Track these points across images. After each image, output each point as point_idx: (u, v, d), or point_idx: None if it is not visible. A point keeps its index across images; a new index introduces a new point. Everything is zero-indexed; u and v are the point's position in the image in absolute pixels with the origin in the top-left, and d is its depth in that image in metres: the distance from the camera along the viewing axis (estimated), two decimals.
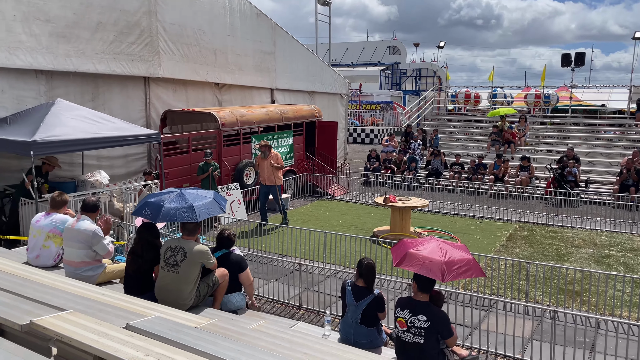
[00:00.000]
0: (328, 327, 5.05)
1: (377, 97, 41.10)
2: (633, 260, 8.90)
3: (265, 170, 10.84)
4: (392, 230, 10.22)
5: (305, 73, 18.01)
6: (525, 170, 15.26)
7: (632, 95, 19.41)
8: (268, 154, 10.75)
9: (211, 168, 10.99)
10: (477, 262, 4.62)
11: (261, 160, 10.80)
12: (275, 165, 10.77)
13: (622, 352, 5.20)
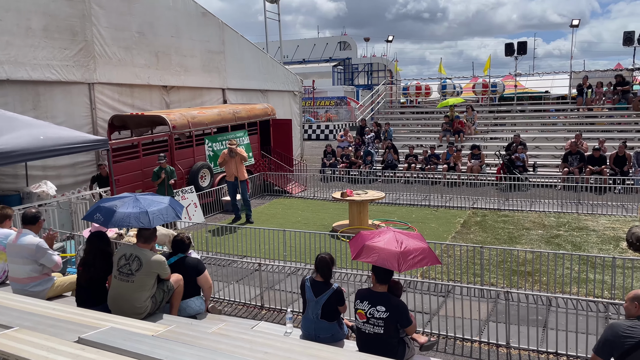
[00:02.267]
0: (290, 325, 5.04)
1: (331, 93, 41.30)
2: (580, 239, 9.32)
3: (232, 167, 11.20)
4: (351, 224, 10.31)
5: (257, 72, 17.89)
6: (475, 158, 15.71)
7: (572, 80, 20.30)
8: (234, 153, 11.12)
9: (164, 172, 10.76)
10: (432, 250, 4.73)
11: (228, 158, 11.13)
12: (241, 155, 11.19)
13: (572, 327, 5.45)
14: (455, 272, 7.67)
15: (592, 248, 8.75)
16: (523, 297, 6.32)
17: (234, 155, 11.08)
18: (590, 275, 7.24)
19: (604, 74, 20.48)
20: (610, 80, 18.75)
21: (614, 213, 11.08)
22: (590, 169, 13.81)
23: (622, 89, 18.04)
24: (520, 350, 5.39)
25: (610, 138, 15.98)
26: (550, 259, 7.48)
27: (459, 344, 5.63)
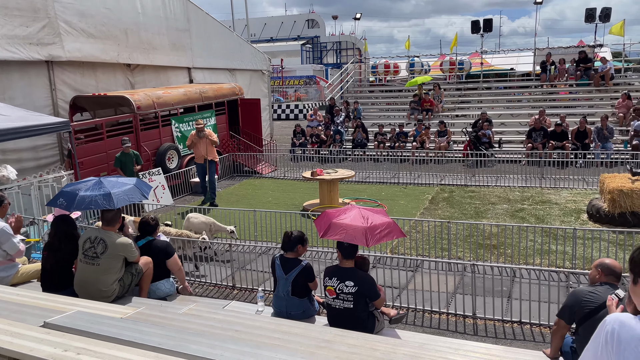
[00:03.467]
0: (261, 303, 5.07)
1: (300, 72, 40.93)
2: (543, 212, 9.62)
3: (201, 148, 10.95)
4: (322, 203, 10.35)
5: (224, 50, 17.54)
6: (443, 136, 15.92)
7: (536, 57, 20.66)
8: (203, 134, 10.89)
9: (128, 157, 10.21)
10: (397, 224, 4.80)
11: (197, 139, 10.90)
12: (211, 139, 10.96)
13: (535, 297, 5.65)
14: (424, 247, 7.83)
15: (555, 220, 9.05)
16: (489, 270, 6.52)
17: (202, 136, 10.87)
18: (552, 246, 7.50)
19: (567, 50, 20.92)
20: (573, 57, 19.17)
21: (576, 186, 11.45)
22: (553, 144, 14.19)
23: (584, 66, 18.48)
24: (486, 321, 5.57)
25: (573, 114, 16.40)
26: (514, 232, 7.70)
27: (427, 316, 5.77)
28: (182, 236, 7.19)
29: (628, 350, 1.60)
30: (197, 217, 8.16)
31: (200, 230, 7.68)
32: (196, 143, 10.96)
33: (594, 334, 1.73)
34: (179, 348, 2.91)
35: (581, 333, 3.54)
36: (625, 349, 1.61)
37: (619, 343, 1.62)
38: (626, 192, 8.38)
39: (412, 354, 3.42)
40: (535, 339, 5.15)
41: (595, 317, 3.37)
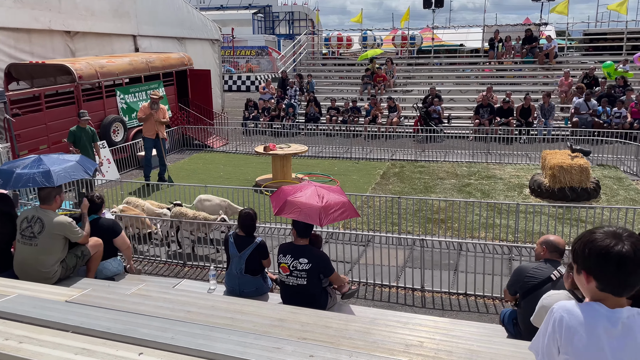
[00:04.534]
0: (213, 281, 5.02)
1: (252, 42, 39.98)
2: (488, 187, 9.97)
3: (153, 124, 10.21)
4: (274, 178, 10.29)
5: (172, 17, 16.83)
6: (393, 111, 16.08)
7: (485, 34, 21.08)
8: (157, 106, 10.18)
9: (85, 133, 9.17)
10: (352, 204, 4.84)
11: (152, 112, 10.13)
12: (162, 121, 10.31)
13: (480, 269, 5.89)
14: (375, 222, 7.96)
15: (499, 195, 9.41)
16: (437, 244, 6.72)
17: (157, 108, 10.14)
18: (497, 220, 7.81)
19: (514, 28, 21.44)
20: (519, 35, 19.69)
21: (519, 162, 11.92)
22: (499, 121, 14.65)
23: (530, 46, 19.03)
24: (434, 293, 5.77)
25: (518, 90, 16.94)
26: (461, 207, 7.96)
27: (378, 289, 5.91)
28: (200, 218, 6.72)
29: (577, 336, 1.68)
30: (210, 199, 7.51)
31: (213, 213, 7.08)
32: (149, 116, 10.18)
33: (544, 321, 1.81)
34: (129, 332, 2.83)
35: (523, 306, 3.73)
36: (573, 335, 1.69)
37: (567, 330, 1.70)
38: (566, 168, 8.80)
39: (364, 329, 3.49)
40: (480, 310, 5.39)
41: (536, 292, 3.55)
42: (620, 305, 1.70)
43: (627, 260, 1.65)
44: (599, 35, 22.24)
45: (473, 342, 3.47)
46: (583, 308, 1.71)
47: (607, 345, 1.65)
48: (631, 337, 1.65)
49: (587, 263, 1.73)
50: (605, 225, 1.83)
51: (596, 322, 1.67)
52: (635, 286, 1.69)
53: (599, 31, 22.70)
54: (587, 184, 8.82)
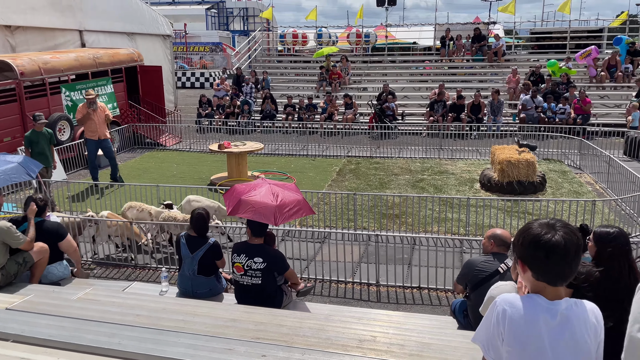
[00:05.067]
0: (165, 283, 4.90)
1: (205, 38, 39.24)
2: (441, 182, 10.20)
3: (95, 124, 9.76)
4: (230, 177, 10.15)
5: (121, 12, 16.26)
6: (349, 108, 16.20)
7: (437, 32, 21.52)
8: (96, 105, 9.73)
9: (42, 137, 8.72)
10: (307, 202, 4.83)
11: (90, 112, 9.66)
12: (107, 115, 9.96)
13: (433, 263, 6.01)
14: (331, 218, 8.00)
15: (451, 190, 9.64)
16: (391, 239, 6.82)
17: (95, 108, 9.68)
18: (449, 214, 8.00)
19: (464, 27, 21.99)
20: (470, 33, 20.23)
21: (470, 157, 12.25)
22: (452, 117, 15.01)
23: (479, 44, 19.59)
24: (389, 287, 5.85)
25: (469, 88, 17.41)
26: (415, 202, 8.10)
27: (334, 286, 5.94)
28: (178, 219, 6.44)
29: (519, 328, 1.74)
30: (199, 200, 7.20)
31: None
32: (88, 117, 9.70)
33: (486, 314, 1.86)
34: (73, 339, 2.73)
35: (473, 298, 3.83)
36: (515, 327, 1.74)
37: (510, 322, 1.75)
38: (514, 162, 9.11)
39: (318, 326, 3.49)
40: (433, 303, 5.51)
41: (485, 285, 3.65)
42: (559, 296, 1.77)
43: (555, 249, 1.71)
44: (544, 34, 23.16)
45: (425, 334, 3.54)
46: (524, 300, 1.77)
47: (547, 336, 1.71)
48: (569, 327, 1.72)
49: (522, 252, 1.80)
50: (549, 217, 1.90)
51: (537, 314, 1.73)
52: (566, 276, 1.75)
53: (545, 30, 23.63)
54: (533, 178, 9.16)
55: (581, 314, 1.74)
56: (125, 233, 6.42)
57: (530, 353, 1.72)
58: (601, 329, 1.76)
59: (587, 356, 1.72)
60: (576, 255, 1.73)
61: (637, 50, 17.98)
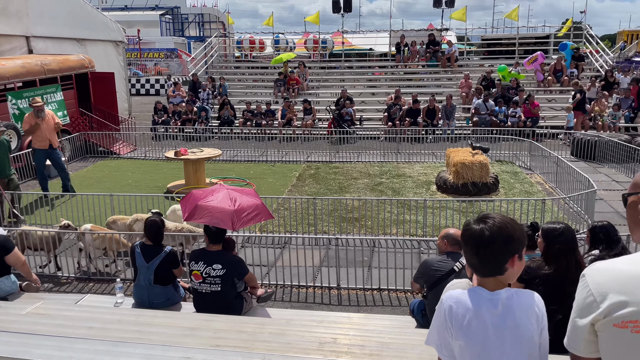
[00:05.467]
0: (120, 295, 4.75)
1: (160, 44, 38.55)
2: (399, 185, 10.36)
3: (44, 133, 9.36)
4: (187, 184, 9.98)
5: (70, 18, 15.76)
6: (308, 114, 16.25)
7: (392, 39, 21.93)
8: (44, 114, 9.33)
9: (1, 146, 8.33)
10: (266, 206, 4.81)
11: (38, 121, 9.25)
12: (57, 123, 9.58)
13: (392, 264, 6.09)
14: (292, 223, 7.99)
15: (409, 192, 9.81)
16: (351, 242, 6.86)
17: (43, 116, 9.29)
18: (407, 216, 8.14)
19: (418, 33, 22.49)
20: (424, 39, 20.72)
21: (426, 160, 12.51)
22: (409, 121, 15.30)
23: (433, 49, 20.09)
24: (349, 290, 5.88)
25: (424, 93, 17.78)
26: (374, 205, 8.20)
27: (295, 291, 5.93)
28: (183, 231, 6.17)
29: (465, 321, 1.79)
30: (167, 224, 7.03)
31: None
32: (37, 126, 9.29)
33: (435, 312, 1.90)
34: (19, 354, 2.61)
35: (430, 298, 3.90)
36: (462, 320, 1.80)
37: (456, 317, 1.80)
38: (468, 164, 9.37)
39: (279, 331, 3.47)
40: (393, 304, 5.58)
41: (442, 284, 3.72)
42: (499, 287, 1.83)
43: (478, 240, 1.79)
44: (495, 40, 23.98)
45: (385, 334, 3.58)
46: (468, 294, 1.82)
47: (491, 325, 1.77)
48: (510, 315, 1.78)
49: (462, 245, 1.87)
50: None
51: (480, 305, 1.79)
52: (487, 266, 1.81)
53: (495, 36, 24.47)
54: (487, 179, 9.44)
55: (522, 302, 1.80)
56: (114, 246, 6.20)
57: (479, 344, 1.78)
58: (543, 315, 1.83)
59: (530, 342, 1.78)
60: (493, 245, 1.77)
61: (581, 55, 18.91)
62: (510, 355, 1.77)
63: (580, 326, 1.51)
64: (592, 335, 1.50)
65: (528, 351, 1.78)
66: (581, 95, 14.96)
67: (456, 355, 1.84)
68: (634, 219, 1.56)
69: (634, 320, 1.38)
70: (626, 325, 1.39)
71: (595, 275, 1.50)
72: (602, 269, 1.51)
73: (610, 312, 1.42)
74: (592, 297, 1.47)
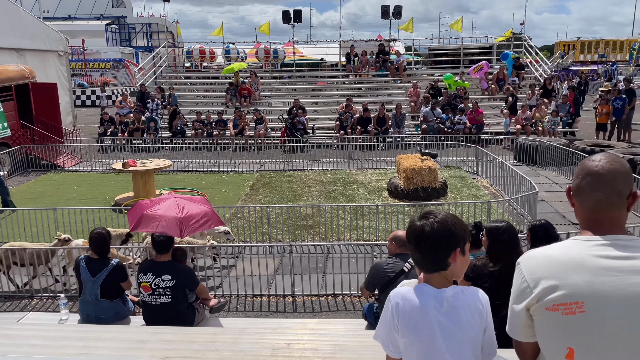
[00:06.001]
0: (65, 311, 4.55)
1: (106, 55, 37.48)
2: (352, 191, 10.48)
3: None
4: (136, 196, 9.70)
5: (9, 27, 15.09)
6: (260, 123, 16.21)
7: (342, 49, 22.26)
8: None
9: None
10: (216, 213, 4.75)
11: None
12: None
13: (346, 269, 6.14)
14: (245, 233, 7.92)
15: (361, 199, 9.94)
16: (306, 249, 6.89)
17: None
18: (360, 222, 8.23)
19: (368, 44, 22.94)
20: (373, 50, 21.14)
21: (378, 167, 12.73)
22: (360, 129, 15.53)
23: (382, 57, 20.53)
24: (304, 297, 5.88)
25: (374, 101, 18.13)
26: (327, 212, 8.25)
27: (249, 300, 5.87)
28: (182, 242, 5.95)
29: (411, 318, 1.83)
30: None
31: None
32: None
33: (383, 309, 1.93)
34: None
35: (382, 299, 3.96)
36: (408, 317, 1.83)
37: (403, 314, 1.83)
38: (417, 170, 9.60)
39: (232, 339, 3.42)
40: (347, 308, 5.62)
41: (393, 285, 3.79)
42: (445, 284, 1.88)
43: (420, 235, 1.84)
44: (441, 51, 24.79)
45: (339, 337, 3.59)
46: (414, 291, 1.86)
47: (436, 322, 1.81)
48: (455, 313, 1.82)
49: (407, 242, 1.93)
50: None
51: (426, 302, 1.83)
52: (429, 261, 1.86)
53: (441, 47, 25.32)
54: (436, 184, 9.70)
55: (467, 300, 1.85)
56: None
57: (423, 340, 1.81)
58: (487, 313, 1.88)
59: (474, 340, 1.83)
60: (436, 241, 1.82)
61: (522, 64, 19.83)
62: (454, 352, 1.80)
63: (517, 312, 1.59)
64: (529, 320, 1.57)
65: (471, 348, 1.83)
66: (513, 99, 16.04)
67: (401, 352, 1.87)
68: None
69: (564, 303, 1.47)
70: (557, 308, 1.48)
71: (528, 262, 1.59)
72: (534, 256, 1.59)
73: (543, 297, 1.50)
74: (525, 283, 1.55)
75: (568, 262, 1.50)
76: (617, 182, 1.55)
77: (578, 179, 1.60)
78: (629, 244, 1.51)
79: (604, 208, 1.56)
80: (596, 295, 1.44)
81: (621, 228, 1.56)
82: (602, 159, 1.58)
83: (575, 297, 1.46)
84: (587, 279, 1.46)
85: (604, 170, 1.55)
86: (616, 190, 1.55)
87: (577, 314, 1.45)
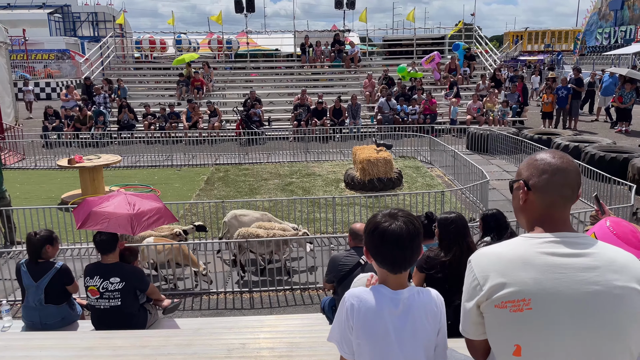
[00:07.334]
0: (8, 318, 4.31)
1: (49, 45, 35.70)
2: (309, 184, 10.44)
3: None
4: (84, 194, 9.31)
5: None
6: (214, 116, 15.89)
7: (296, 40, 22.09)
8: None
9: None
10: (168, 209, 4.60)
11: None
12: None
13: (303, 263, 6.10)
14: None
15: (319, 191, 9.92)
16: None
17: None
18: (317, 214, 8.21)
19: (322, 34, 22.88)
20: (328, 40, 21.09)
21: (335, 159, 12.74)
22: (316, 121, 15.49)
23: (337, 48, 20.51)
24: (262, 292, 5.81)
25: (330, 93, 18.11)
26: (285, 205, 8.18)
27: (205, 298, 5.74)
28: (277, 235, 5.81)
29: (366, 320, 1.80)
30: (246, 214, 6.47)
31: None
32: None
33: (337, 310, 1.89)
34: None
35: (339, 292, 3.95)
36: (363, 319, 1.80)
37: (357, 315, 1.80)
38: (373, 161, 9.66)
39: (186, 342, 3.33)
40: (305, 302, 5.59)
41: (349, 278, 3.78)
42: (402, 285, 1.86)
43: (391, 237, 1.79)
44: (395, 41, 25.01)
45: (295, 334, 3.56)
46: (371, 292, 1.83)
47: (391, 325, 1.79)
48: (410, 315, 1.81)
49: (365, 240, 1.88)
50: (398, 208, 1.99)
51: (381, 304, 1.80)
52: (404, 262, 1.84)
53: (395, 37, 25.53)
54: (391, 174, 9.79)
55: (422, 302, 1.84)
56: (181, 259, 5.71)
57: (378, 343, 1.79)
58: (442, 315, 1.88)
59: (427, 342, 1.83)
60: (412, 242, 1.81)
61: (472, 55, 20.27)
62: (407, 354, 1.80)
63: (468, 309, 1.59)
64: (479, 318, 1.57)
65: (424, 351, 1.83)
66: (455, 86, 17.13)
67: (354, 353, 1.85)
68: (517, 205, 1.66)
69: (512, 300, 1.47)
70: (505, 305, 1.48)
71: (478, 259, 1.58)
72: (484, 253, 1.59)
73: (492, 294, 1.50)
74: (476, 280, 1.55)
75: (516, 260, 1.51)
76: (579, 177, 1.58)
77: (545, 175, 1.55)
78: (578, 240, 1.52)
79: (566, 204, 1.57)
80: (543, 293, 1.45)
81: (569, 225, 1.58)
82: (558, 155, 1.58)
83: (522, 295, 1.46)
84: (535, 276, 1.47)
85: (570, 166, 1.56)
86: (578, 185, 1.57)
87: (524, 311, 1.46)
